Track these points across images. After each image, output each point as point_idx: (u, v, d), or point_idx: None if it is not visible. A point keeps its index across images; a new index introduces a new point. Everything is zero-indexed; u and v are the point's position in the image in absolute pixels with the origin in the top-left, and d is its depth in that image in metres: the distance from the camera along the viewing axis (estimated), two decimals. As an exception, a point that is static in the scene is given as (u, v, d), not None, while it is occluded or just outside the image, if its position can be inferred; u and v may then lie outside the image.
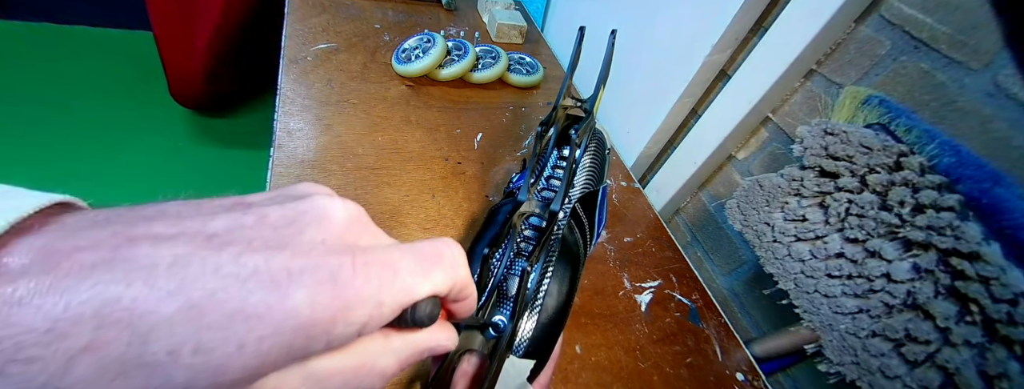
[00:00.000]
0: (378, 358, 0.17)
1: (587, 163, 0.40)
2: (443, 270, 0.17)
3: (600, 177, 0.41)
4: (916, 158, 0.35)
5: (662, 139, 0.62)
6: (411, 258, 0.16)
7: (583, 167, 0.40)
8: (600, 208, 0.41)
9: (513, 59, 0.71)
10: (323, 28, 0.67)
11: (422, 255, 0.17)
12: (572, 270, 0.33)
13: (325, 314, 0.14)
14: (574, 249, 0.34)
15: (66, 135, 1.36)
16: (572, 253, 0.34)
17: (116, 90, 1.49)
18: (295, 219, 0.15)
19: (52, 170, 1.28)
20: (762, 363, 0.47)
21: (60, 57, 1.55)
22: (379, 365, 0.17)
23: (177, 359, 0.12)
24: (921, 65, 0.36)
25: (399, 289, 0.16)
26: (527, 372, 0.28)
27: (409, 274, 0.16)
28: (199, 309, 0.12)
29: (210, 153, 1.45)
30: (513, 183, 0.44)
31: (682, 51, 0.54)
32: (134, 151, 1.38)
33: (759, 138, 0.51)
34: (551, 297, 0.31)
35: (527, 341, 0.29)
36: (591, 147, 0.41)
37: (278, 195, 0.17)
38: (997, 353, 0.31)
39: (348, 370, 0.16)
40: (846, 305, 0.38)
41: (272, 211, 0.15)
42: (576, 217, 0.36)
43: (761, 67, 0.46)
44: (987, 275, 0.31)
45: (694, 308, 0.49)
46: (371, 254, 0.15)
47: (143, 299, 0.12)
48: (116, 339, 0.11)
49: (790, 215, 0.42)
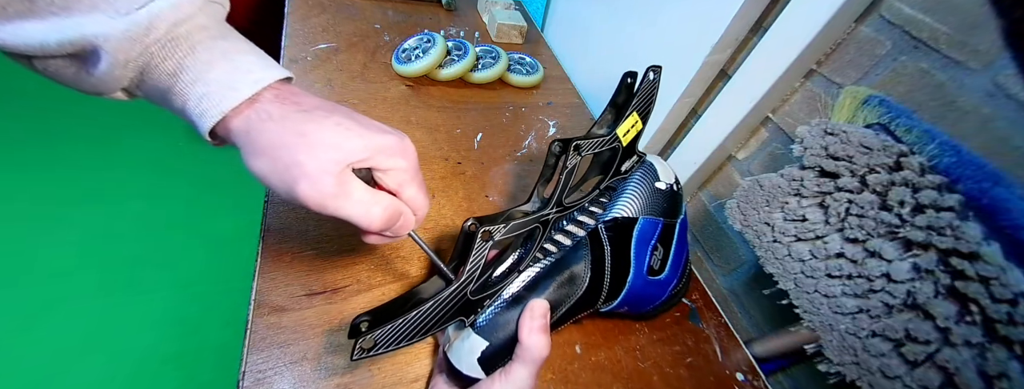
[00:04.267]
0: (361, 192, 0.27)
1: (628, 192, 0.38)
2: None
3: (647, 209, 0.38)
4: (916, 158, 0.35)
5: (662, 139, 0.62)
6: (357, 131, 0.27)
7: (621, 193, 0.38)
8: (669, 271, 0.38)
9: (513, 59, 0.71)
10: (323, 28, 0.67)
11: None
12: (562, 298, 0.34)
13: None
14: (575, 283, 0.34)
15: (66, 135, 1.36)
16: (573, 283, 0.34)
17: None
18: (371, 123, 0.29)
19: (52, 170, 1.28)
20: (762, 363, 0.47)
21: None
22: (362, 194, 0.27)
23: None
24: (921, 65, 0.36)
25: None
26: (478, 352, 0.31)
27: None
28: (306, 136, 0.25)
29: (210, 153, 1.45)
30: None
31: (682, 51, 0.54)
32: (134, 151, 1.38)
33: (759, 138, 0.51)
34: (513, 303, 0.33)
35: (484, 321, 0.32)
36: (636, 177, 0.39)
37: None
38: (997, 353, 0.31)
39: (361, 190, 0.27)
40: (846, 305, 0.38)
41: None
42: (597, 251, 0.35)
43: (761, 67, 0.46)
44: (987, 275, 0.31)
45: (694, 308, 0.49)
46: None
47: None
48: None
49: (790, 215, 0.42)
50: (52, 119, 1.39)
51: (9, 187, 1.21)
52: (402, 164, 0.28)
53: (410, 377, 0.36)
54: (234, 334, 1.09)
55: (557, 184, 0.33)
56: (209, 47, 0.25)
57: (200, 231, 1.27)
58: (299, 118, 0.26)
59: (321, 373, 0.34)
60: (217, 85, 0.24)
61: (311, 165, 0.25)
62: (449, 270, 0.31)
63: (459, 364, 0.31)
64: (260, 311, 0.36)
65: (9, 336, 0.97)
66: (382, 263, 0.42)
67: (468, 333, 0.32)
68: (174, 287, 1.14)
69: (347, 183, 0.26)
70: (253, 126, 0.25)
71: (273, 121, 0.25)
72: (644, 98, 0.38)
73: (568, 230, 0.37)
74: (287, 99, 0.26)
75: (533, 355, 0.30)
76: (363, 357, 0.26)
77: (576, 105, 0.72)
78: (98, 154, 1.35)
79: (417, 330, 0.28)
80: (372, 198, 0.27)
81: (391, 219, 0.28)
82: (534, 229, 0.33)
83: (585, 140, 0.34)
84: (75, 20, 0.22)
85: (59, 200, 1.22)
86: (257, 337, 0.34)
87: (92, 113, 1.43)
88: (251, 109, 0.25)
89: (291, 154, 0.25)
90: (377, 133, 0.28)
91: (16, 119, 1.35)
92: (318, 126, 0.26)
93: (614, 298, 0.36)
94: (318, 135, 0.25)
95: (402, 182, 0.29)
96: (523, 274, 0.34)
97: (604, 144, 0.36)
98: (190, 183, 1.36)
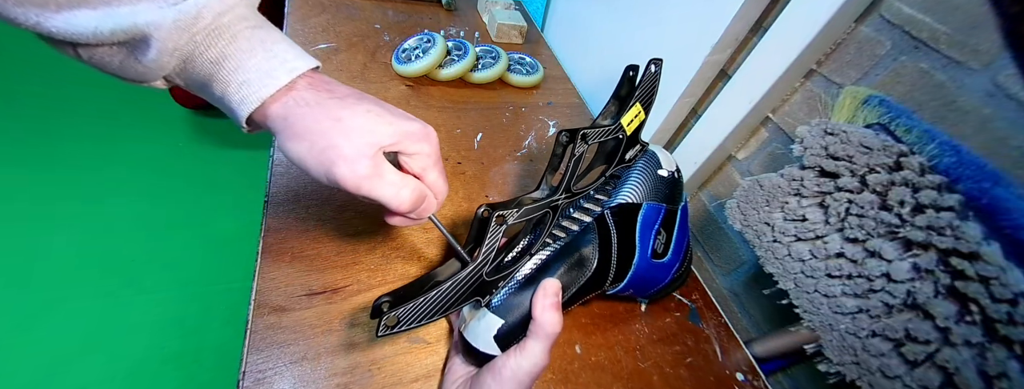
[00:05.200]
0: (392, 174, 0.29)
1: (633, 178, 0.39)
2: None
3: (651, 195, 0.39)
4: (916, 158, 0.35)
5: (662, 139, 0.62)
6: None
7: (626, 180, 0.39)
8: (674, 253, 0.39)
9: (513, 59, 0.71)
10: (323, 28, 0.67)
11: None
12: (572, 280, 0.35)
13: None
14: (583, 265, 0.35)
15: (66, 135, 1.36)
16: (582, 265, 0.35)
17: (116, 90, 1.49)
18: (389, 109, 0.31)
19: (53, 169, 1.28)
20: (762, 363, 0.47)
21: (60, 57, 1.55)
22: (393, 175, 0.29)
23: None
24: (921, 65, 0.36)
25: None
26: (494, 329, 0.32)
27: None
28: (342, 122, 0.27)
29: (210, 153, 1.45)
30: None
31: (682, 51, 0.54)
32: (134, 151, 1.38)
33: (759, 138, 0.51)
34: (526, 284, 0.34)
35: (499, 302, 0.34)
36: (640, 165, 0.40)
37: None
38: (997, 353, 0.31)
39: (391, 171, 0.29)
40: (846, 305, 0.38)
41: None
42: (604, 235, 0.36)
43: (761, 67, 0.46)
44: (987, 275, 0.31)
45: (694, 308, 0.49)
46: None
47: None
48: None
49: (790, 215, 0.42)
50: (52, 119, 1.39)
51: (9, 186, 1.21)
52: (426, 149, 0.30)
53: (409, 377, 0.36)
54: (234, 334, 1.09)
55: (565, 171, 0.35)
56: (248, 36, 0.26)
57: (200, 231, 1.27)
58: (333, 104, 0.27)
59: (321, 373, 0.34)
60: (256, 73, 0.26)
61: (348, 148, 0.26)
62: (465, 253, 0.32)
63: (476, 341, 0.33)
64: (260, 311, 0.36)
65: (9, 336, 0.97)
66: (382, 263, 0.42)
67: (484, 313, 0.33)
68: (174, 287, 1.14)
69: (380, 166, 0.28)
70: (291, 112, 0.27)
71: (309, 107, 0.27)
72: (646, 90, 0.40)
73: (575, 216, 0.38)
74: (321, 87, 0.28)
75: (547, 330, 0.31)
76: (388, 333, 0.27)
77: (576, 105, 0.72)
78: (98, 154, 1.35)
79: (437, 309, 0.30)
80: (402, 181, 0.29)
81: (417, 201, 0.30)
82: (545, 214, 0.35)
83: (591, 129, 0.35)
84: (128, 8, 0.23)
85: (59, 200, 1.22)
86: (257, 337, 0.34)
87: (92, 113, 1.43)
88: (288, 96, 0.27)
89: (327, 138, 0.26)
90: (404, 120, 0.29)
91: (16, 119, 1.35)
92: (352, 112, 0.27)
93: (620, 280, 0.38)
94: (352, 121, 0.27)
95: (426, 166, 0.31)
96: (534, 257, 0.36)
97: (609, 133, 0.37)
98: (190, 183, 1.36)
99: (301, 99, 0.27)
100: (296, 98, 0.27)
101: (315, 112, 0.27)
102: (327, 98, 0.28)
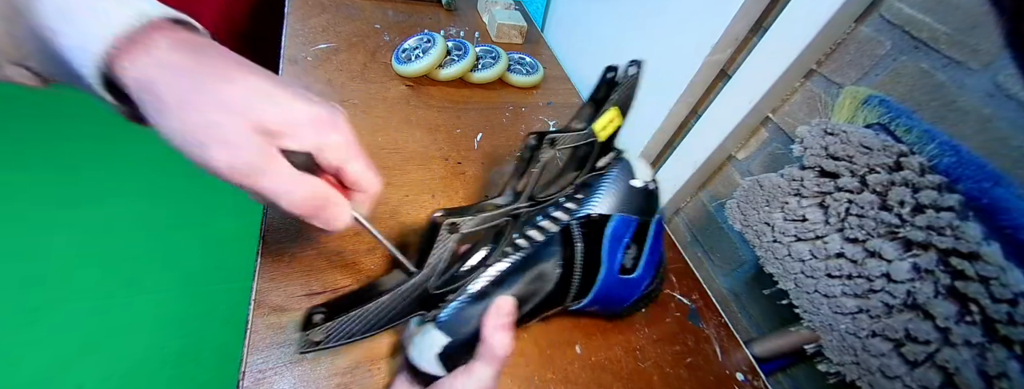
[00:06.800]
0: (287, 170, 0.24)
1: (604, 191, 0.37)
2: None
3: (622, 207, 0.36)
4: (916, 158, 0.35)
5: (662, 139, 0.62)
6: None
7: (596, 191, 0.37)
8: (642, 267, 0.37)
9: (513, 59, 0.71)
10: (323, 28, 0.67)
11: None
12: (529, 294, 0.33)
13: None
14: (543, 280, 0.33)
15: (66, 135, 1.36)
16: (542, 280, 0.33)
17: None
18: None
19: (52, 170, 1.28)
20: (762, 363, 0.47)
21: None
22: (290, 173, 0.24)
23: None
24: (921, 65, 0.36)
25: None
26: (438, 347, 0.30)
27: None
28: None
29: (210, 153, 1.45)
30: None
31: (682, 51, 0.54)
32: (134, 151, 1.38)
33: (759, 138, 0.51)
34: (478, 298, 0.32)
35: (446, 317, 0.31)
36: (612, 175, 0.37)
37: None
38: (997, 353, 0.31)
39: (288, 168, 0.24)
40: (846, 305, 0.38)
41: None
42: (568, 247, 0.34)
43: (761, 67, 0.46)
44: (987, 275, 0.31)
45: (694, 308, 0.49)
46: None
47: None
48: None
49: (790, 215, 0.42)
50: (52, 119, 1.39)
51: (9, 187, 1.21)
52: (339, 139, 0.25)
53: (410, 377, 0.36)
54: (234, 334, 1.09)
55: (529, 178, 0.32)
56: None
57: (200, 231, 1.27)
58: (211, 72, 0.22)
59: (321, 373, 0.34)
60: (89, 12, 0.21)
61: (228, 129, 0.22)
62: (411, 263, 0.29)
63: (418, 359, 0.30)
64: (260, 311, 0.36)
65: (9, 336, 0.97)
66: (383, 263, 0.42)
67: (428, 328, 0.31)
68: (174, 287, 1.14)
69: (271, 156, 0.23)
70: (156, 78, 0.22)
71: (178, 73, 0.22)
72: (624, 93, 0.37)
73: (541, 226, 0.36)
74: (192, 48, 0.23)
75: (496, 353, 0.29)
76: (312, 350, 0.25)
77: (576, 105, 0.72)
78: (98, 154, 1.35)
79: (373, 324, 0.27)
80: (298, 178, 0.24)
81: (315, 205, 0.25)
82: (504, 223, 0.32)
83: (560, 134, 0.33)
84: None
85: (59, 200, 1.22)
86: (257, 337, 0.34)
87: (92, 113, 1.43)
88: (145, 57, 0.21)
89: (202, 114, 0.22)
90: (304, 102, 0.24)
91: (16, 119, 1.35)
92: (235, 86, 0.22)
93: (583, 296, 0.36)
94: (235, 95, 0.22)
95: (344, 158, 0.26)
96: (490, 269, 0.33)
97: (580, 139, 0.35)
98: (190, 183, 1.36)
99: (165, 62, 0.22)
100: (161, 62, 0.22)
101: (186, 81, 0.22)
102: (201, 64, 0.22)
